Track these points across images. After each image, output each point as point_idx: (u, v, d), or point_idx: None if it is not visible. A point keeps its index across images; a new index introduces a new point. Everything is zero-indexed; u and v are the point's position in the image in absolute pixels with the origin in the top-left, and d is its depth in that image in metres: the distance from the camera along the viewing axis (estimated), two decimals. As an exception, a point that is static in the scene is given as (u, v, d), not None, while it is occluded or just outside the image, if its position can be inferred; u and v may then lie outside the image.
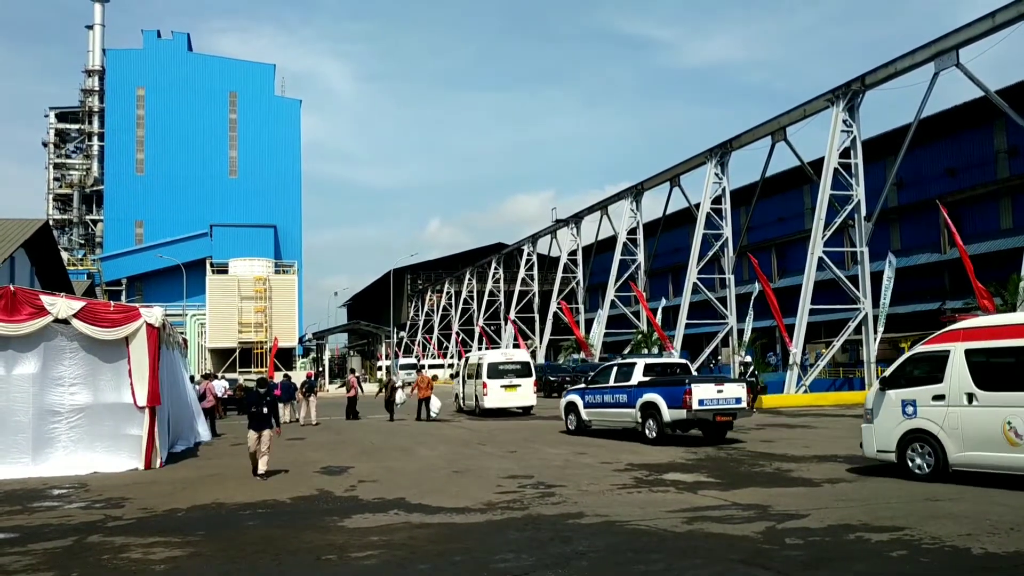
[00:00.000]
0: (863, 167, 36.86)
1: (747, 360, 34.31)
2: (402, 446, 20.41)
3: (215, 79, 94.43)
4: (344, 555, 8.53)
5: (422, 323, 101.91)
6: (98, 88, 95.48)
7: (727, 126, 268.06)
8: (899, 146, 35.85)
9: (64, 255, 60.67)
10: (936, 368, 12.55)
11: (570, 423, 23.38)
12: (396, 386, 31.65)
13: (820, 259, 36.34)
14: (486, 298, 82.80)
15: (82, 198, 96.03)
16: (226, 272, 71.27)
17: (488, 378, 31.52)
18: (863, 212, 36.87)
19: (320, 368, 75.05)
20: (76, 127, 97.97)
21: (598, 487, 12.80)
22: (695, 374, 23.29)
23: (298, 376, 40.54)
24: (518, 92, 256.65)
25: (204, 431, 24.12)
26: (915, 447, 12.65)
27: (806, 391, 35.52)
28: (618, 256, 54.74)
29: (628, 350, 55.76)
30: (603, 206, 60.92)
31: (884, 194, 38.39)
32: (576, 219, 64.62)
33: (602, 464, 15.75)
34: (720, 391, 19.33)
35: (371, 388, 47.21)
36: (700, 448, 18.33)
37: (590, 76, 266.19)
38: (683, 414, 19.00)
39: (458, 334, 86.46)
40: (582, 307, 65.25)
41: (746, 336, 41.43)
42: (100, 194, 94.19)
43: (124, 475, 15.77)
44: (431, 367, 78.57)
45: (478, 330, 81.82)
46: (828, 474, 13.44)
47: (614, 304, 55.25)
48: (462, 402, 34.51)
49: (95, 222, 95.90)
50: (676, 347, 45.41)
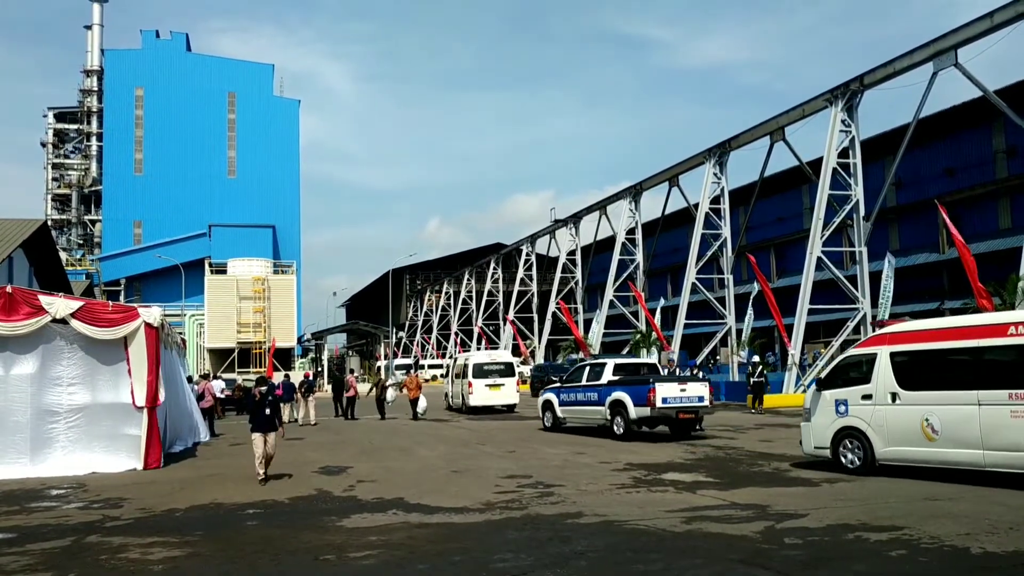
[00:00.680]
0: (862, 167, 36.83)
1: (755, 360, 34.31)
2: (401, 446, 20.41)
3: (214, 79, 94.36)
4: (343, 555, 8.52)
5: (421, 323, 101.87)
6: (97, 88, 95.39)
7: (726, 126, 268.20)
8: (898, 146, 35.84)
9: (63, 255, 60.66)
10: (865, 370, 13.45)
11: (546, 420, 24.45)
12: (386, 385, 32.63)
13: (819, 259, 36.32)
14: (485, 298, 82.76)
15: (80, 198, 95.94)
16: (225, 272, 71.15)
17: (473, 378, 32.91)
18: (862, 212, 36.86)
19: (319, 368, 74.96)
20: (75, 127, 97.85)
21: (597, 487, 12.80)
22: (662, 374, 24.41)
23: (296, 376, 40.48)
24: (518, 92, 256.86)
25: (203, 431, 24.12)
26: (846, 443, 13.49)
27: (805, 391, 35.51)
28: (617, 256, 54.70)
29: (627, 350, 55.73)
30: (602, 206, 60.89)
31: (883, 194, 38.38)
32: (575, 219, 64.59)
33: (601, 464, 15.75)
34: (683, 390, 20.36)
35: (362, 388, 47.37)
36: (699, 448, 18.34)
37: (590, 76, 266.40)
38: (648, 411, 19.98)
39: (457, 334, 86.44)
40: (581, 307, 65.23)
41: (744, 336, 41.41)
42: (99, 194, 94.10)
43: (122, 475, 15.75)
44: (430, 367, 78.72)
45: (477, 330, 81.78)
46: (827, 474, 13.43)
47: (613, 304, 55.22)
48: (450, 400, 35.86)
49: (93, 222, 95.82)
50: (675, 347, 45.37)
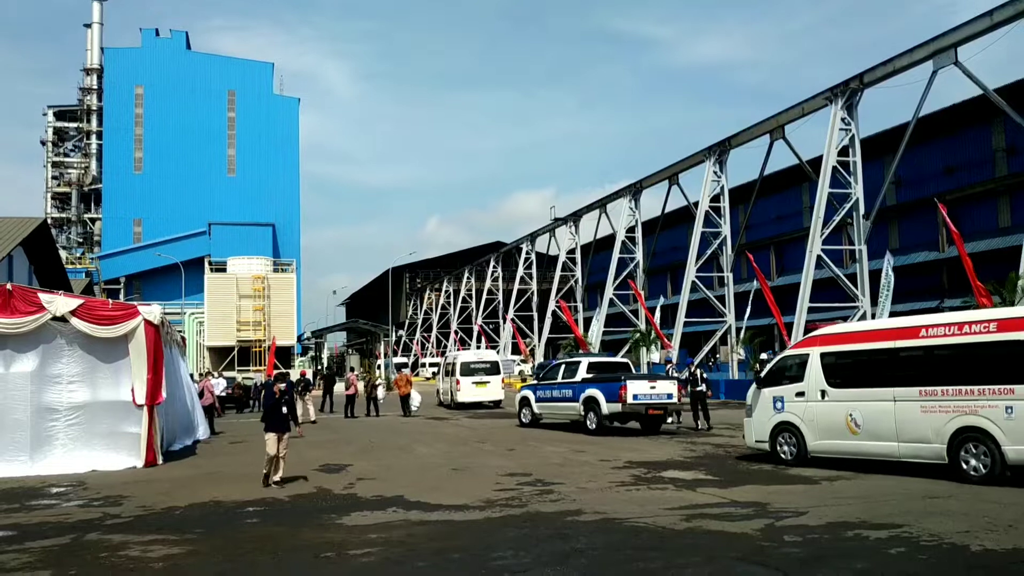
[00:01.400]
0: (861, 165, 36.85)
1: (763, 358, 34.30)
2: (400, 444, 20.42)
3: (213, 77, 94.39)
4: (343, 553, 8.52)
5: (420, 322, 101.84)
6: (96, 87, 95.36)
7: (726, 125, 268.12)
8: (897, 144, 35.84)
9: (62, 254, 60.57)
10: (799, 369, 14.53)
11: (524, 416, 25.28)
12: (377, 383, 34.14)
13: (819, 257, 36.34)
14: (485, 297, 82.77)
15: (80, 196, 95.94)
16: (224, 271, 71.12)
17: (461, 375, 34.96)
18: (861, 210, 36.86)
19: (319, 367, 74.96)
20: (74, 126, 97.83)
21: (597, 484, 12.81)
22: (634, 372, 25.29)
23: (294, 375, 40.48)
24: (517, 91, 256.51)
25: (203, 429, 24.13)
26: (783, 437, 14.61)
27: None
28: (617, 254, 54.69)
29: (627, 348, 55.75)
30: (602, 204, 60.88)
31: (882, 192, 38.37)
32: (575, 217, 64.59)
33: (600, 462, 15.75)
34: (653, 387, 21.37)
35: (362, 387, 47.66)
36: (699, 446, 18.36)
37: (589, 75, 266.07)
38: (619, 407, 20.93)
39: (456, 333, 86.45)
40: (581, 306, 65.23)
41: (742, 334, 41.37)
42: (98, 192, 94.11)
43: (122, 473, 15.76)
44: (431, 365, 78.71)
45: (476, 329, 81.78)
46: (827, 472, 13.44)
47: (612, 302, 55.23)
48: (441, 397, 37.88)
49: (93, 220, 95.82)
50: (675, 345, 45.38)
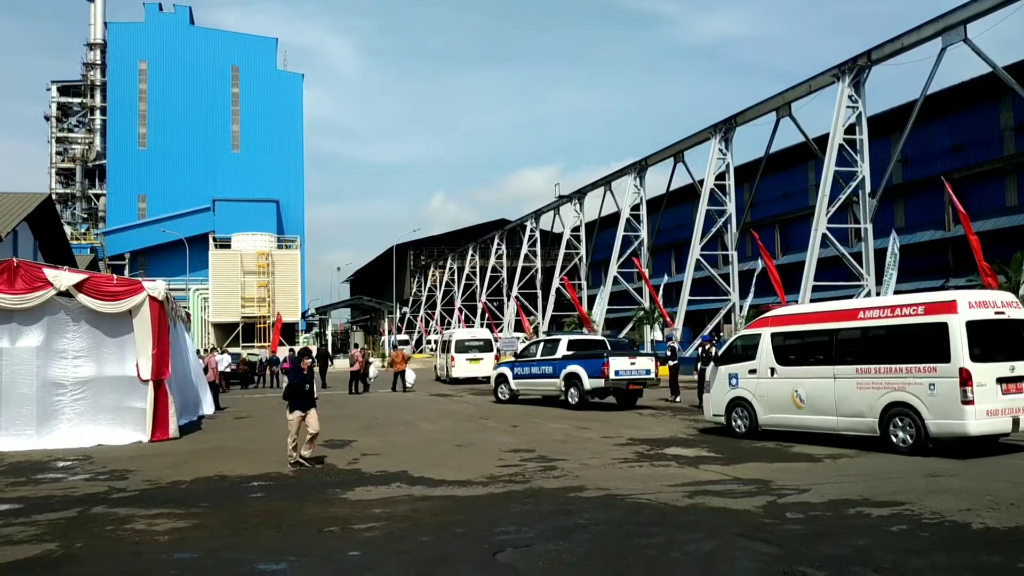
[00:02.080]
0: (868, 143, 36.64)
1: (671, 337, 34.72)
2: (404, 420, 20.49)
3: (217, 53, 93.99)
4: (347, 527, 8.58)
5: (425, 299, 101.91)
6: (100, 62, 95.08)
7: (732, 102, 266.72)
8: (905, 122, 35.62)
9: (67, 229, 60.60)
10: (752, 348, 15.48)
11: (501, 394, 25.69)
12: (369, 361, 34.79)
13: (824, 236, 36.22)
14: (489, 274, 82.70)
15: (85, 172, 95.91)
16: (229, 247, 71.19)
17: (455, 352, 36.83)
18: (867, 189, 36.67)
19: (323, 343, 75.13)
20: (78, 101, 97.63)
21: (599, 461, 12.85)
22: (610, 349, 25.62)
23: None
24: (523, 67, 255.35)
25: (208, 405, 24.25)
26: (737, 411, 15.61)
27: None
28: (621, 232, 54.55)
29: (630, 326, 55.79)
30: (607, 182, 60.66)
31: (889, 171, 38.16)
32: (579, 195, 64.39)
33: (603, 438, 15.81)
34: (633, 363, 22.35)
35: (343, 363, 47.91)
36: (702, 422, 18.37)
37: (595, 51, 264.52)
38: (602, 383, 21.91)
39: (460, 310, 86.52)
40: (585, 283, 65.14)
41: (745, 312, 41.35)
42: (103, 168, 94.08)
43: (128, 447, 15.86)
44: (436, 342, 78.80)
45: (480, 306, 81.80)
46: (829, 450, 13.47)
47: (617, 280, 55.15)
48: (437, 372, 39.89)
49: (98, 196, 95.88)
50: (678, 324, 45.37)
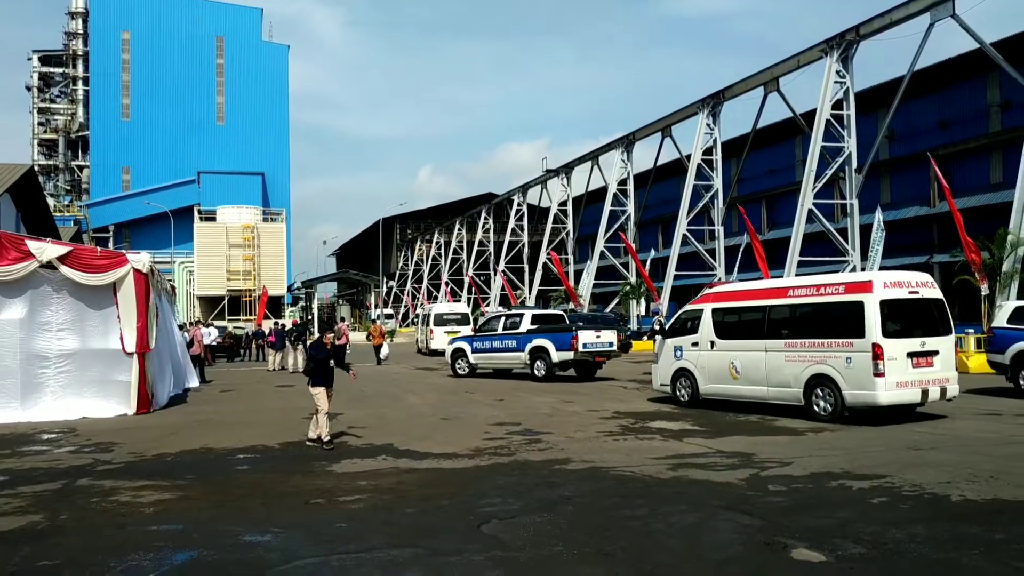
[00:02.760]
0: (855, 119, 36.68)
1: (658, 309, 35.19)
2: (391, 394, 20.53)
3: (201, 23, 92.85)
4: (332, 499, 8.61)
5: (411, 273, 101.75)
6: (82, 31, 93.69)
7: (720, 77, 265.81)
8: (892, 98, 35.65)
9: (50, 201, 60.06)
10: (695, 322, 16.48)
11: (459, 368, 25.88)
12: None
13: (810, 211, 36.34)
14: (476, 248, 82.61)
15: (67, 143, 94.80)
16: (214, 219, 70.68)
17: (434, 325, 38.21)
18: (854, 164, 36.79)
19: (309, 316, 75.01)
20: (60, 71, 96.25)
21: (584, 434, 12.93)
22: (569, 322, 26.35)
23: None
24: (512, 40, 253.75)
25: (193, 378, 24.24)
26: (681, 381, 16.66)
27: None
28: (608, 207, 54.58)
29: (617, 301, 55.97)
30: (594, 156, 60.56)
31: (875, 147, 38.25)
32: (567, 169, 64.29)
33: (589, 412, 15.90)
34: (599, 336, 23.27)
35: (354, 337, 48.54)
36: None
37: (584, 24, 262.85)
38: (570, 356, 22.71)
39: (447, 284, 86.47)
40: (572, 258, 65.21)
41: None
42: (86, 140, 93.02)
43: (113, 420, 15.83)
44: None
45: (467, 280, 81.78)
46: (812, 423, 13.59)
47: (603, 255, 55.26)
48: (418, 344, 41.70)
49: (81, 168, 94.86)
50: (664, 298, 45.55)
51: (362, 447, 11.99)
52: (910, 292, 13.73)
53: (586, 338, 22.85)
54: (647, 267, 49.39)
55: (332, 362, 12.68)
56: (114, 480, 9.79)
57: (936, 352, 13.61)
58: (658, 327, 19.77)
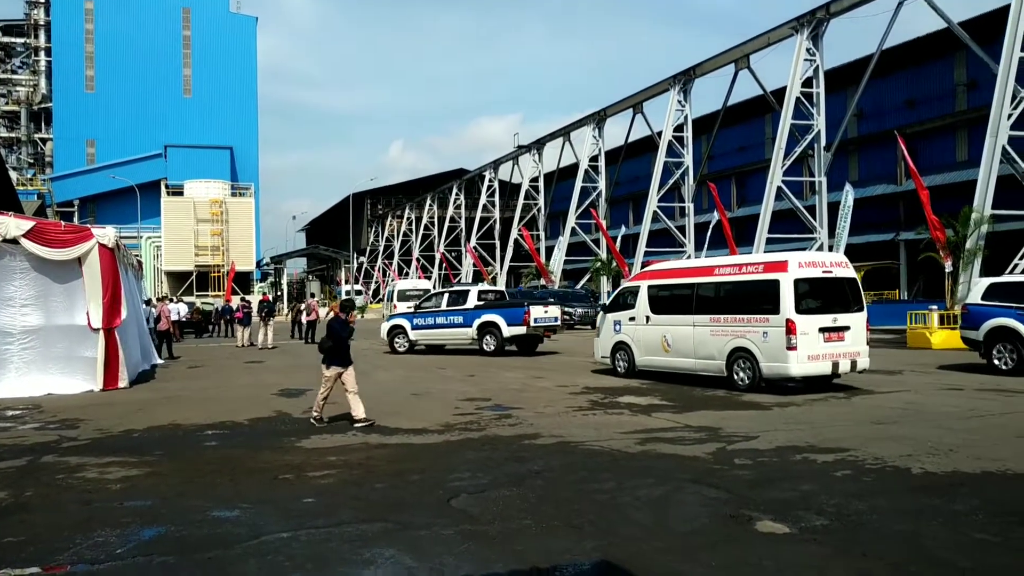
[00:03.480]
0: (825, 97, 36.90)
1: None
2: (360, 369, 20.27)
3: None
4: (301, 475, 8.60)
5: (382, 248, 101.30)
6: (44, 0, 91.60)
7: (692, 54, 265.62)
8: (860, 77, 35.90)
9: (13, 175, 58.95)
10: (633, 298, 17.45)
11: (398, 345, 26.06)
12: (301, 309, 36.16)
13: (779, 188, 36.60)
14: (447, 224, 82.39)
15: (30, 115, 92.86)
16: (181, 194, 70.00)
17: (397, 301, 39.17)
18: (823, 142, 37.07)
19: (278, 292, 74.54)
20: (22, 41, 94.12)
21: (554, 409, 13.00)
22: (508, 299, 26.89)
23: (253, 300, 40.50)
24: (483, 13, 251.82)
25: (161, 354, 24.05)
26: (619, 354, 17.71)
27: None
28: (579, 183, 54.63)
29: (587, 277, 56.17)
30: (566, 132, 60.50)
31: (844, 125, 38.58)
32: (538, 145, 64.18)
33: (558, 387, 15.98)
34: (547, 312, 24.40)
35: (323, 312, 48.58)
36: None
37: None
38: (522, 330, 23.65)
39: (418, 260, 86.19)
40: (543, 234, 65.29)
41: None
42: (49, 112, 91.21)
43: (79, 397, 15.66)
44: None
45: (439, 256, 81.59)
46: (778, 398, 13.78)
47: (575, 231, 55.36)
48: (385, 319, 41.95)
49: (44, 141, 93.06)
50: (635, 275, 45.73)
51: (332, 423, 11.96)
52: (824, 271, 14.65)
53: (537, 313, 23.94)
54: (618, 244, 49.56)
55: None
56: (80, 456, 9.69)
57: (847, 328, 14.51)
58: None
